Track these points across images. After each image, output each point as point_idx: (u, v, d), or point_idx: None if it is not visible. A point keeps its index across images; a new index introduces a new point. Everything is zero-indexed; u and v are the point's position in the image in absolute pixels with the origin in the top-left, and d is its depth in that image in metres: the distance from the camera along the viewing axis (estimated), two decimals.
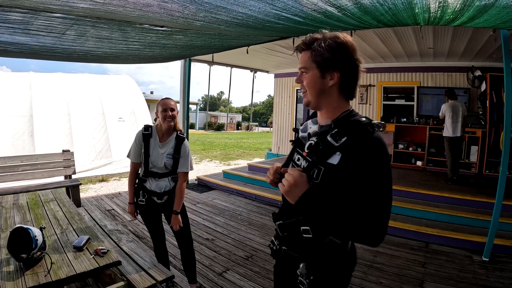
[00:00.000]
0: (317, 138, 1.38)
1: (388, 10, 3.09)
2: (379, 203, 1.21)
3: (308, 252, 1.41)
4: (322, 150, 1.31)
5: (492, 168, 7.69)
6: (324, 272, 1.40)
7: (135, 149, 3.00)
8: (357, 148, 1.23)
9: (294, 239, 1.44)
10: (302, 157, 1.43)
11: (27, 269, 2.08)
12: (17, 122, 8.75)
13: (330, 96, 1.36)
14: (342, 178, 1.25)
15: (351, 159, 1.23)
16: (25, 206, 3.55)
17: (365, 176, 1.22)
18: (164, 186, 3.03)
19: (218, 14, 3.15)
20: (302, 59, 1.37)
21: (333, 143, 1.28)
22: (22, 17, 3.04)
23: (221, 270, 3.88)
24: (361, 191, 1.22)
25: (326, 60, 1.30)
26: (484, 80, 7.80)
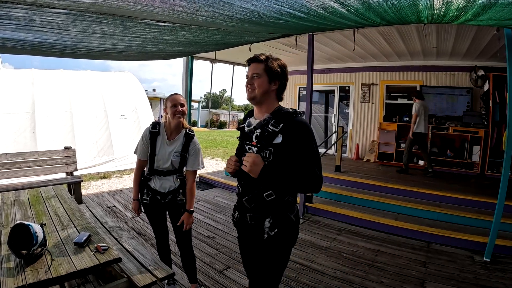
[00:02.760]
0: (261, 129, 1.93)
1: (391, 6, 3.07)
2: (314, 161, 1.83)
3: (271, 210, 1.94)
4: (267, 136, 1.89)
5: (494, 168, 7.66)
6: (283, 225, 1.95)
7: (142, 146, 2.95)
8: (291, 128, 1.85)
9: (259, 205, 1.96)
10: (252, 146, 1.97)
11: (28, 266, 2.07)
12: (19, 119, 8.74)
13: (269, 97, 1.99)
14: (286, 151, 1.85)
15: (289, 136, 1.84)
16: (26, 203, 3.56)
17: (300, 146, 1.83)
18: (169, 186, 2.98)
19: (220, 9, 3.14)
20: (256, 67, 1.96)
21: (274, 129, 1.87)
22: (24, 13, 3.04)
23: (222, 267, 3.89)
24: (301, 156, 1.82)
25: (275, 73, 1.95)
26: (487, 80, 7.77)
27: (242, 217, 2.07)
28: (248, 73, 2.01)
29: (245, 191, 2.03)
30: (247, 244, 2.16)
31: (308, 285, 3.53)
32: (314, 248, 4.49)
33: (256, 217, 1.98)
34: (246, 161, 1.83)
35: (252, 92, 1.96)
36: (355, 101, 10.19)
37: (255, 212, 1.98)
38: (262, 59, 1.97)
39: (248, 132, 2.02)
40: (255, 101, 1.99)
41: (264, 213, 1.95)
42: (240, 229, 2.18)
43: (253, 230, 2.02)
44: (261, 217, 1.96)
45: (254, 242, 2.04)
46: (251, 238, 2.07)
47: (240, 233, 2.22)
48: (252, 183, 1.93)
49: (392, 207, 5.77)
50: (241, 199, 2.05)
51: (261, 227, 1.96)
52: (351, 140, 10.34)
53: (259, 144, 1.91)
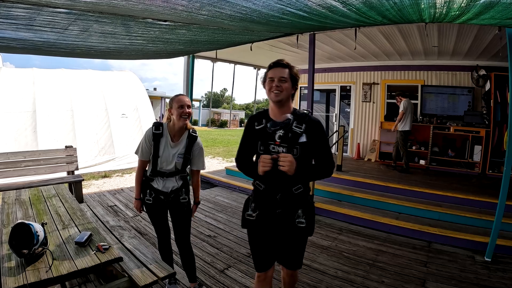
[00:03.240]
0: (284, 130, 2.16)
1: (393, 5, 3.06)
2: (329, 152, 2.25)
3: (301, 201, 2.24)
4: (293, 136, 2.15)
5: (495, 168, 7.64)
6: (311, 210, 2.28)
7: (144, 147, 2.90)
8: (311, 128, 2.17)
9: (289, 199, 2.22)
10: (276, 145, 2.17)
11: (29, 265, 2.08)
12: (20, 118, 8.75)
13: (289, 100, 2.24)
14: (310, 148, 2.17)
15: (311, 135, 2.16)
16: (27, 202, 3.56)
17: (320, 141, 2.19)
18: (172, 186, 2.98)
19: (222, 8, 3.13)
20: (282, 72, 2.18)
21: (299, 130, 2.15)
22: (25, 13, 3.03)
23: (222, 267, 3.88)
24: (321, 150, 2.20)
25: (296, 80, 2.24)
26: (488, 80, 7.75)
27: (268, 213, 2.27)
28: (273, 75, 2.18)
29: (274, 189, 2.22)
30: (270, 237, 2.34)
31: (309, 284, 3.52)
32: (315, 248, 4.49)
33: (286, 211, 2.23)
34: (284, 161, 2.02)
35: (279, 95, 2.14)
36: (356, 100, 10.18)
37: (285, 206, 2.23)
38: (286, 64, 2.20)
39: (272, 132, 2.19)
40: (280, 103, 2.18)
41: (295, 205, 2.23)
42: (261, 225, 2.32)
43: (281, 223, 2.26)
44: (292, 209, 2.23)
45: (285, 232, 2.30)
46: (278, 230, 2.30)
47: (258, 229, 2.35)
48: (282, 180, 2.14)
49: (393, 206, 5.76)
50: (269, 196, 2.25)
51: (291, 218, 2.23)
52: (352, 140, 10.33)
53: (286, 144, 2.15)
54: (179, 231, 3.13)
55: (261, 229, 2.34)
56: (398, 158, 8.05)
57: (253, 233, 2.39)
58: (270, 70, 2.23)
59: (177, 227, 3.12)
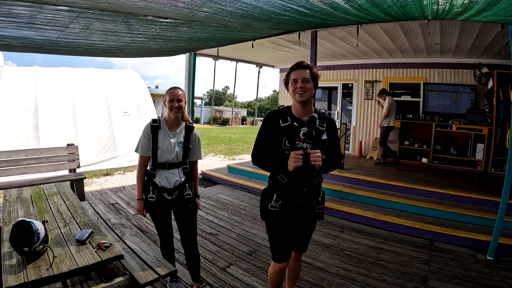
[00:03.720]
0: (307, 127, 2.33)
1: (396, 1, 3.04)
2: (339, 147, 2.59)
3: (318, 190, 2.53)
4: (317, 133, 2.35)
5: (498, 166, 7.60)
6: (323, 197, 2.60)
7: (143, 142, 2.94)
8: (330, 126, 2.44)
9: (311, 189, 2.44)
10: (300, 141, 2.34)
11: (29, 263, 2.08)
12: (22, 116, 8.77)
13: (311, 99, 2.39)
14: (328, 143, 2.42)
15: (329, 133, 2.43)
16: (29, 200, 3.57)
17: (335, 139, 2.49)
18: (174, 181, 2.96)
19: (223, 5, 3.12)
20: (304, 73, 2.32)
21: (322, 128, 2.38)
22: (26, 11, 3.03)
23: (224, 265, 3.88)
24: (334, 146, 2.48)
25: (317, 79, 2.39)
26: (491, 77, 7.71)
27: (291, 203, 2.45)
28: (296, 77, 2.33)
29: (299, 181, 2.40)
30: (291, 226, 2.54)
31: (311, 282, 3.52)
32: (316, 246, 4.48)
33: (308, 200, 2.47)
34: (316, 157, 2.20)
35: (303, 95, 2.30)
36: (358, 98, 10.15)
37: (307, 196, 2.45)
38: (307, 65, 2.36)
39: (297, 128, 2.35)
40: (305, 103, 2.36)
41: (314, 194, 2.49)
42: (283, 215, 2.49)
43: (302, 211, 2.49)
44: (312, 198, 2.48)
45: (304, 218, 2.54)
46: (299, 218, 2.52)
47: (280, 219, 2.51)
48: (308, 174, 2.35)
49: (395, 204, 5.75)
50: (293, 188, 2.42)
51: (310, 206, 2.49)
52: (354, 137, 10.32)
53: (310, 140, 2.35)
54: (185, 231, 3.12)
55: (282, 219, 2.50)
56: (386, 155, 8.39)
57: (275, 223, 2.53)
58: (292, 72, 2.37)
59: (183, 227, 3.11)
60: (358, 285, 3.50)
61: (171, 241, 3.22)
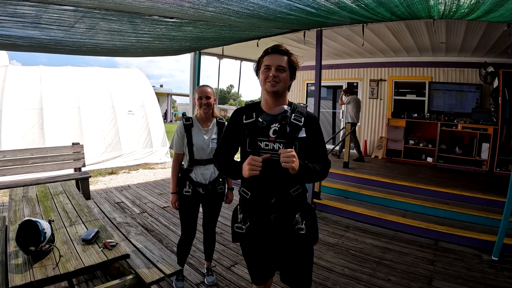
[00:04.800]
0: (279, 124, 1.89)
1: (402, 1, 3.03)
2: (326, 152, 2.05)
3: (298, 204, 1.97)
4: (292, 130, 1.89)
5: (503, 166, 7.55)
6: (310, 214, 2.00)
7: (177, 140, 3.04)
8: (310, 122, 1.94)
9: (286, 203, 1.93)
10: (270, 141, 1.90)
11: (36, 262, 2.09)
12: (27, 115, 8.80)
13: (285, 91, 1.97)
14: (307, 144, 1.93)
15: (309, 130, 1.93)
16: (35, 199, 3.59)
17: (318, 138, 1.98)
18: (209, 177, 3.08)
19: (229, 5, 3.12)
20: (280, 60, 1.90)
21: (298, 123, 1.89)
22: (31, 11, 3.05)
23: (229, 264, 3.89)
24: (317, 148, 1.97)
25: (295, 69, 1.96)
26: (496, 77, 7.65)
27: (260, 222, 1.97)
28: (270, 63, 1.89)
29: (266, 193, 1.93)
30: (267, 248, 2.03)
31: (316, 281, 3.51)
32: (321, 245, 4.48)
33: (282, 216, 1.93)
34: (287, 158, 1.71)
35: (276, 85, 1.87)
36: (363, 97, 10.09)
37: (281, 211, 1.92)
38: (285, 50, 1.93)
39: (264, 127, 1.89)
40: (277, 95, 1.91)
41: (292, 209, 1.94)
42: (254, 237, 2.01)
43: (278, 230, 1.95)
44: (289, 214, 1.93)
45: (283, 242, 1.98)
46: (276, 238, 1.98)
47: (252, 242, 2.05)
48: (277, 182, 1.89)
49: (400, 204, 5.74)
50: (260, 203, 1.95)
51: (290, 225, 1.92)
52: (359, 136, 10.26)
53: (283, 139, 1.87)
54: (209, 217, 3.29)
55: (254, 242, 2.04)
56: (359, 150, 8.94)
57: (246, 246, 2.11)
58: (266, 56, 1.93)
59: (209, 213, 3.27)
60: (363, 285, 3.50)
61: (192, 239, 3.28)
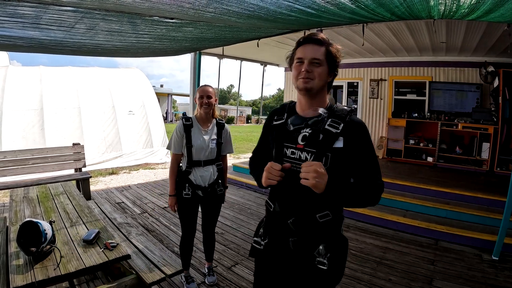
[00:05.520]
0: (310, 129, 1.54)
1: (403, 2, 3.03)
2: (377, 170, 1.54)
3: (325, 233, 1.55)
4: (326, 137, 1.49)
5: (503, 165, 7.54)
6: (339, 247, 1.59)
7: (176, 140, 3.00)
8: (352, 130, 1.50)
9: (309, 228, 1.55)
10: (298, 149, 1.55)
11: (37, 263, 2.10)
12: (27, 116, 8.81)
13: (324, 90, 1.61)
14: (346, 158, 1.50)
15: (350, 140, 1.49)
16: (35, 199, 3.59)
17: (363, 152, 1.51)
18: (209, 178, 3.06)
19: (229, 6, 3.12)
20: (316, 51, 1.52)
21: (334, 130, 1.49)
22: (31, 11, 3.05)
23: (230, 264, 3.89)
24: (363, 164, 1.52)
25: (335, 62, 1.58)
26: (497, 76, 7.65)
27: (277, 242, 1.65)
28: (302, 56, 1.54)
29: (286, 212, 1.60)
30: (281, 276, 1.69)
31: None
32: None
33: (303, 243, 1.57)
34: (307, 172, 1.39)
35: (309, 82, 1.52)
36: (363, 96, 10.10)
37: (302, 236, 1.57)
38: (321, 40, 1.54)
39: (293, 131, 1.59)
40: (310, 94, 1.56)
41: (316, 238, 1.56)
42: (270, 258, 1.71)
43: (296, 259, 1.61)
44: (312, 243, 1.56)
45: (299, 275, 1.61)
46: (293, 269, 1.63)
47: (268, 263, 1.73)
48: (299, 201, 1.54)
49: (400, 204, 5.73)
50: (280, 220, 1.62)
51: (310, 256, 1.56)
52: None
53: (313, 148, 1.51)
54: (208, 218, 3.30)
55: (270, 264, 1.72)
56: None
57: (260, 266, 1.79)
58: (299, 48, 1.58)
59: (208, 215, 3.27)
60: (364, 285, 3.50)
61: (193, 238, 3.28)
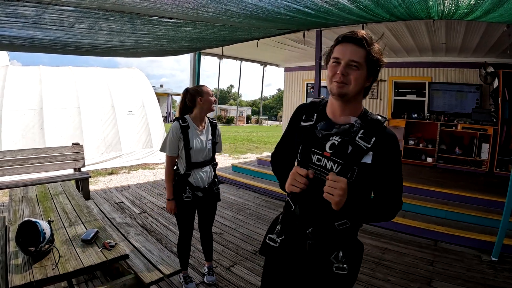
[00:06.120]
0: (340, 138, 1.43)
1: (401, 2, 3.04)
2: (400, 187, 1.48)
3: (343, 240, 1.50)
4: (354, 151, 1.40)
5: (503, 166, 7.53)
6: (356, 253, 1.57)
7: (172, 142, 2.88)
8: (384, 144, 1.41)
9: (327, 235, 1.50)
10: (324, 157, 1.46)
11: (35, 262, 2.10)
12: (27, 116, 8.81)
13: (360, 95, 1.47)
14: (374, 172, 1.42)
15: (380, 155, 1.40)
16: (34, 199, 3.59)
17: (391, 168, 1.44)
18: (207, 178, 3.04)
19: (227, 5, 3.13)
20: (355, 52, 1.39)
21: (365, 144, 1.40)
22: (30, 11, 3.05)
23: (229, 264, 3.89)
24: (388, 181, 1.45)
25: (376, 66, 1.44)
26: (496, 77, 7.64)
27: (294, 242, 1.57)
28: (340, 56, 1.40)
29: (306, 216, 1.53)
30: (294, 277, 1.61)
31: None
32: None
33: (320, 247, 1.51)
34: (333, 188, 1.32)
35: (344, 87, 1.39)
36: None
37: (318, 239, 1.51)
38: (364, 42, 1.39)
39: (322, 136, 1.47)
40: (345, 99, 1.43)
41: (334, 244, 1.50)
42: (283, 256, 1.62)
43: (311, 262, 1.54)
44: (330, 247, 1.51)
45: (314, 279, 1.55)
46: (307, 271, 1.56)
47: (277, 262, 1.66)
48: (319, 208, 1.47)
49: None
50: (299, 225, 1.55)
51: (326, 260, 1.50)
52: None
53: (341, 159, 1.42)
54: (206, 218, 3.27)
55: (282, 264, 1.64)
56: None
57: (272, 265, 1.69)
58: (337, 46, 1.44)
59: (206, 215, 3.25)
60: (362, 285, 3.50)
61: (191, 238, 3.26)
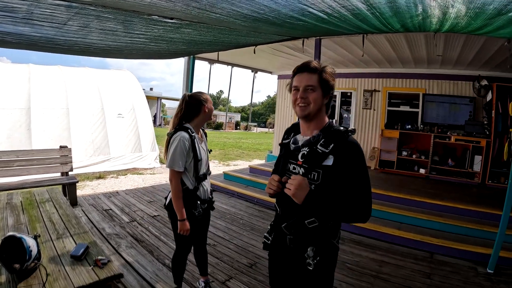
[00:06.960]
0: (308, 148, 1.72)
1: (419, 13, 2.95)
2: (365, 188, 1.67)
3: (314, 238, 1.71)
4: (317, 156, 1.67)
5: (495, 178, 7.59)
6: (326, 252, 1.73)
7: (182, 155, 2.60)
8: (343, 150, 1.64)
9: (300, 232, 1.73)
10: (297, 165, 1.75)
11: (20, 281, 1.92)
12: (14, 115, 8.55)
13: (321, 112, 1.77)
14: (336, 175, 1.64)
15: (340, 159, 1.63)
16: (19, 207, 3.39)
17: (352, 170, 1.64)
18: (209, 190, 2.92)
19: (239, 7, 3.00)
20: (309, 78, 1.73)
21: (323, 149, 1.65)
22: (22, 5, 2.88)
23: (224, 278, 3.73)
24: (351, 182, 1.64)
25: (329, 85, 1.75)
26: (490, 90, 7.71)
27: (280, 239, 1.85)
28: (298, 84, 1.76)
29: (284, 215, 1.81)
30: (283, 270, 1.91)
31: None
32: None
33: (296, 241, 1.76)
34: (291, 184, 1.62)
35: (306, 109, 1.72)
36: (357, 107, 10.09)
37: (295, 236, 1.76)
38: (315, 68, 1.75)
39: (294, 149, 1.80)
40: (308, 118, 1.76)
41: (306, 240, 1.72)
42: (276, 252, 1.94)
43: (292, 256, 1.79)
44: (303, 244, 1.73)
45: (293, 271, 1.81)
46: (290, 264, 1.83)
47: (274, 257, 1.97)
48: (293, 208, 1.70)
49: (395, 216, 5.67)
50: (280, 223, 1.82)
51: (302, 256, 1.72)
52: None
53: (306, 165, 1.70)
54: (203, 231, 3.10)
55: (274, 258, 1.97)
56: None
57: (270, 259, 2.02)
58: (294, 77, 1.81)
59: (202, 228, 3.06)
60: None
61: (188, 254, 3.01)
